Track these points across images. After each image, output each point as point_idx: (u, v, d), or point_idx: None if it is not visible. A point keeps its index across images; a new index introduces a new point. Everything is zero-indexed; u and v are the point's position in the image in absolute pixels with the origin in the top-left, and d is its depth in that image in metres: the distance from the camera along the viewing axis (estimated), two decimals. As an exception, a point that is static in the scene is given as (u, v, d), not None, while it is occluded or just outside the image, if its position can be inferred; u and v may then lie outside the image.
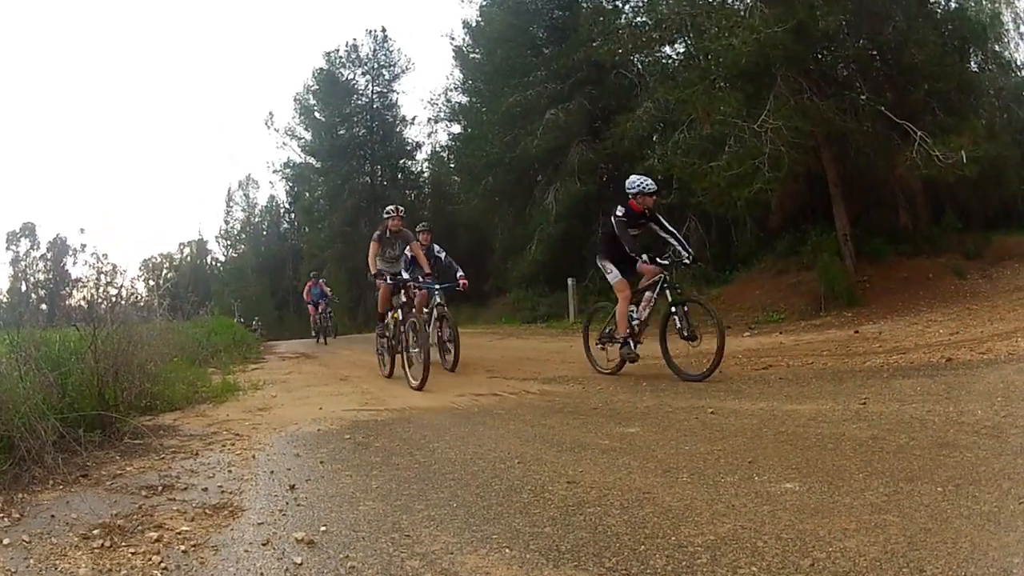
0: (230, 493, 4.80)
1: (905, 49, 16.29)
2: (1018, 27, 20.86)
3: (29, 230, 72.53)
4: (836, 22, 16.00)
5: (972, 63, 19.36)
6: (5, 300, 70.71)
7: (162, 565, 3.51)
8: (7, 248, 72.84)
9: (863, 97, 16.95)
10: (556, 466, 4.92)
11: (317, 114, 43.23)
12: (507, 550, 3.42)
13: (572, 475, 4.63)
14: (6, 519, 4.27)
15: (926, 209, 18.49)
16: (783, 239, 19.42)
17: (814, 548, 3.05)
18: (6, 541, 3.88)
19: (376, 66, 43.16)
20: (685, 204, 19.85)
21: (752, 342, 12.74)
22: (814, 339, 12.06)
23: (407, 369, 10.11)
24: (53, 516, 4.31)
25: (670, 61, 22.84)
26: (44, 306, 56.74)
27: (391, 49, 43.48)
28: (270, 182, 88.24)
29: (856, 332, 12.16)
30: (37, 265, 73.27)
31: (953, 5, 18.86)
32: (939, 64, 16.35)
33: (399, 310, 10.79)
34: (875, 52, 17.64)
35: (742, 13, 17.14)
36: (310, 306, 26.72)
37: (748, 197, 16.43)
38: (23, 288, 71.62)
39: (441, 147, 41.17)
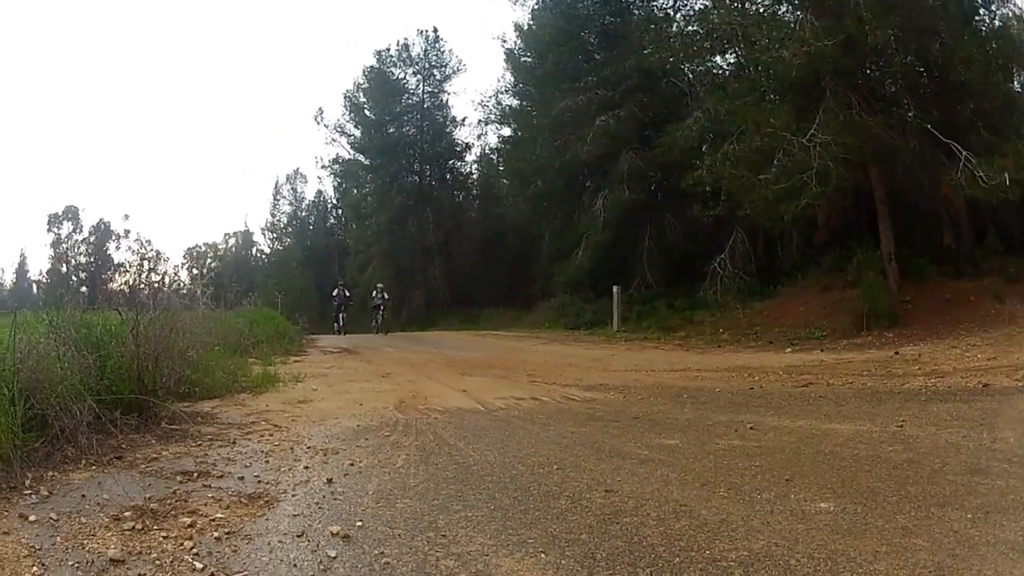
0: (266, 483, 4.84)
1: (952, 66, 16.14)
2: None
3: (72, 213, 73.26)
4: (885, 37, 15.85)
5: (1016, 83, 19.17)
6: (45, 281, 71.74)
7: (193, 551, 3.53)
8: (48, 230, 73.72)
9: (910, 114, 16.81)
10: (594, 474, 4.95)
11: (367, 112, 43.29)
12: (543, 555, 3.44)
13: (610, 484, 4.67)
14: (34, 496, 4.30)
15: (969, 230, 18.29)
16: (828, 255, 19.31)
17: (844, 569, 3.11)
18: (32, 518, 3.90)
19: (427, 66, 43.18)
20: (732, 216, 19.81)
21: (794, 358, 12.75)
22: (855, 358, 12.01)
23: None
24: (84, 496, 4.34)
25: (721, 71, 22.89)
26: (84, 289, 57.02)
27: (443, 49, 43.49)
28: (318, 177, 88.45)
29: (896, 353, 12.10)
30: (79, 248, 73.95)
31: (998, 24, 18.68)
32: (984, 82, 16.21)
33: None
34: (922, 68, 17.48)
35: (792, 25, 17.14)
36: None
37: (795, 212, 16.38)
38: (64, 270, 72.36)
39: (490, 149, 41.44)
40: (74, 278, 70.63)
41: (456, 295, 38.40)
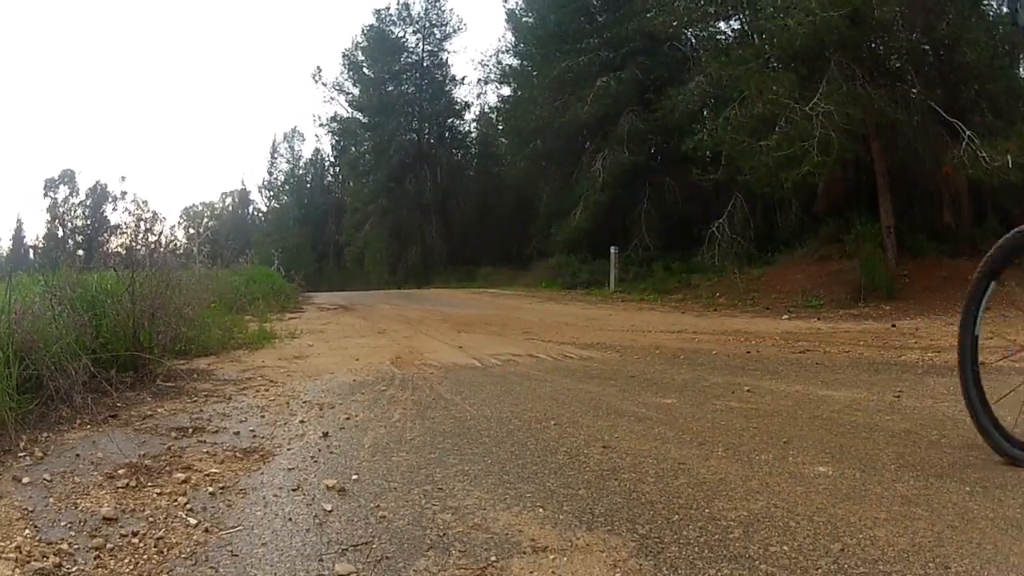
0: (262, 438, 4.84)
1: (957, 47, 16.04)
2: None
3: (68, 177, 73.14)
4: (891, 12, 15.76)
5: (1021, 69, 19.09)
6: (42, 246, 71.59)
7: (188, 506, 3.50)
8: (45, 195, 73.61)
9: (914, 91, 16.77)
10: (592, 430, 4.95)
11: (366, 70, 43.26)
12: (540, 509, 3.42)
13: (608, 440, 4.66)
14: (28, 457, 4.25)
15: (969, 210, 18.23)
16: (827, 225, 19.30)
17: (845, 533, 3.08)
18: (26, 480, 3.84)
19: (428, 25, 43.02)
20: (732, 181, 19.79)
21: (790, 325, 12.76)
22: (851, 328, 12.01)
23: None
24: (78, 455, 4.30)
25: (724, 37, 22.76)
26: (81, 251, 56.96)
27: (443, 8, 43.33)
28: (316, 135, 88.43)
29: (893, 326, 12.10)
30: (75, 211, 73.82)
31: (1004, 10, 18.59)
32: (990, 66, 16.12)
33: None
34: (928, 47, 17.40)
35: (798, -5, 16.99)
36: None
37: (795, 180, 16.35)
38: (60, 234, 72.17)
39: (490, 108, 41.26)
40: (71, 241, 70.49)
41: (453, 253, 38.56)
